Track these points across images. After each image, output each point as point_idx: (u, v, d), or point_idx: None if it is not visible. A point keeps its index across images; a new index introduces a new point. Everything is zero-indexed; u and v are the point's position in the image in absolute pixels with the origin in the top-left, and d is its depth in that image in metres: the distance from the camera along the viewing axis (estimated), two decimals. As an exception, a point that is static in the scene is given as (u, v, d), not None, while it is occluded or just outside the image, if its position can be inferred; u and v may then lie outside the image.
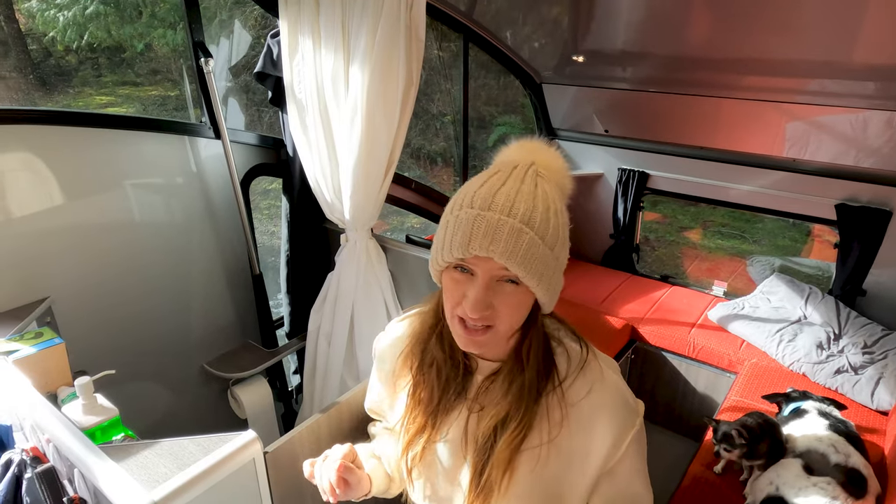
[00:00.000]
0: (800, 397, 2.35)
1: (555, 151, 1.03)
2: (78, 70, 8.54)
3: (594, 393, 0.99)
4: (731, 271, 5.43)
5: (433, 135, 7.39)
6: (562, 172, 1.01)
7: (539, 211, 0.91)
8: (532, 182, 0.93)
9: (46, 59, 8.55)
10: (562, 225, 0.95)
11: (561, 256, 0.96)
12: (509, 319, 0.94)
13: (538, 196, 0.92)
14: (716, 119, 3.16)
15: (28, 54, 8.14)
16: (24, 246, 1.85)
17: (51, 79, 8.54)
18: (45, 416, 1.29)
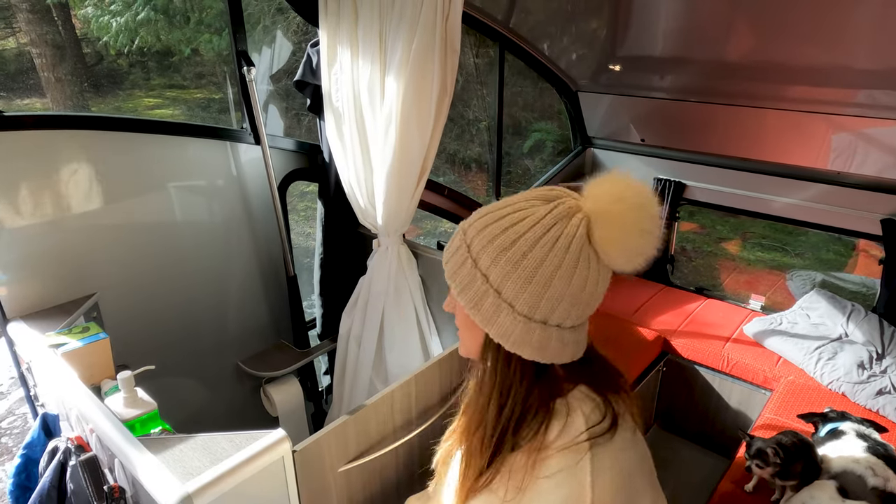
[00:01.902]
0: (838, 418, 2.28)
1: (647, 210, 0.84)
2: (129, 73, 8.88)
3: (555, 479, 0.85)
4: (769, 285, 5.29)
5: (468, 140, 7.43)
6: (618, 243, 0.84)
7: (505, 245, 0.84)
8: (550, 223, 0.84)
9: (99, 62, 8.92)
10: (530, 269, 0.82)
11: (506, 293, 0.84)
12: (461, 333, 0.98)
13: (527, 238, 0.84)
14: (757, 130, 3.10)
15: (83, 58, 8.51)
16: (74, 244, 1.94)
17: (103, 81, 8.90)
18: (90, 407, 1.36)
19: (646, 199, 0.82)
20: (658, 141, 3.53)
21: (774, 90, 2.87)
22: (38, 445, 1.55)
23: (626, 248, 0.83)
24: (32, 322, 1.77)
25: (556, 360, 0.89)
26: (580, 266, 0.83)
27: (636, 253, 0.83)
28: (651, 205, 0.82)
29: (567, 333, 0.87)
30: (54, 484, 1.41)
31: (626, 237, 0.82)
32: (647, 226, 0.82)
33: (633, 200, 0.81)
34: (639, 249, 0.82)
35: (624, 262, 0.84)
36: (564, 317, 0.85)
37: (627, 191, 0.83)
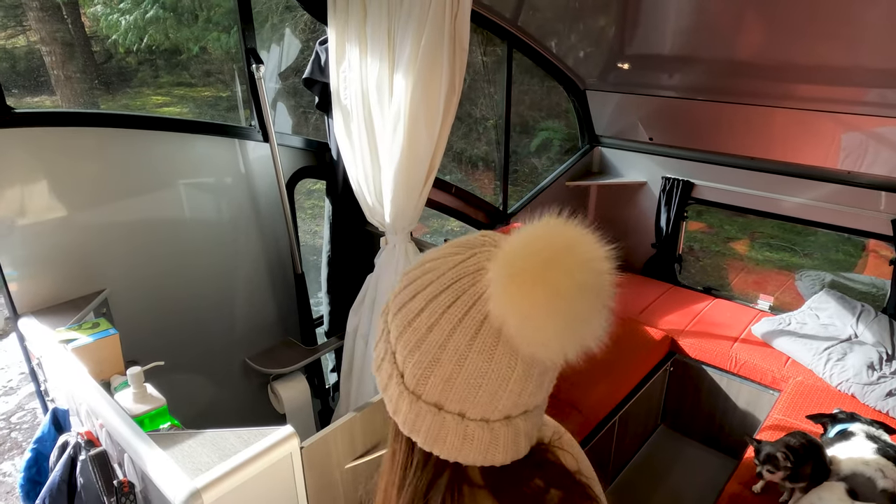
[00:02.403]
0: (847, 419, 2.26)
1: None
2: (137, 71, 8.93)
3: None
4: (778, 285, 5.26)
5: (475, 139, 7.42)
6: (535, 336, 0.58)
7: (405, 301, 0.64)
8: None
9: (108, 60, 8.97)
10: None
11: (398, 356, 0.64)
12: None
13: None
14: (766, 129, 3.08)
15: (92, 55, 8.56)
16: (84, 240, 1.96)
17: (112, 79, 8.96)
18: (100, 402, 1.37)
19: (580, 259, 0.58)
20: (666, 140, 3.51)
21: (784, 89, 2.85)
22: (49, 440, 1.57)
23: (536, 333, 0.57)
24: (43, 318, 1.79)
25: (460, 459, 0.65)
26: (477, 344, 0.60)
27: (553, 341, 0.58)
28: (587, 270, 0.58)
29: (474, 427, 0.63)
30: (64, 478, 1.42)
31: (533, 318, 0.57)
32: (576, 306, 0.57)
33: (554, 261, 0.57)
34: (557, 336, 0.57)
35: (537, 349, 0.58)
36: (465, 405, 0.62)
37: (546, 247, 0.59)
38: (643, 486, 2.95)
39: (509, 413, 0.63)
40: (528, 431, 0.65)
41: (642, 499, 2.88)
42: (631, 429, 2.99)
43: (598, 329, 0.60)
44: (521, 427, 0.64)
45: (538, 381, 0.63)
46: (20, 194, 1.79)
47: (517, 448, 0.65)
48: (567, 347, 0.58)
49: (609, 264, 0.61)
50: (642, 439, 3.20)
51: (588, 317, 0.59)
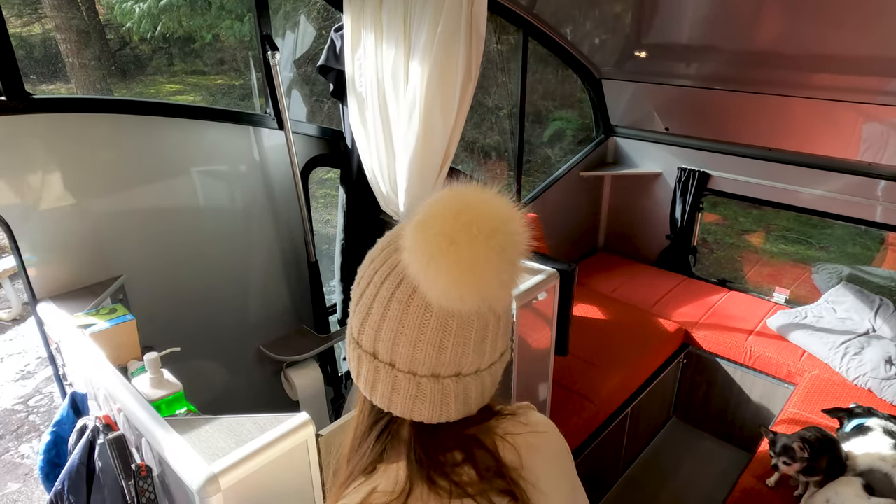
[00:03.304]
0: (864, 414, 2.24)
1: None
2: (151, 59, 8.96)
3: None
4: (794, 278, 5.20)
5: (488, 128, 7.38)
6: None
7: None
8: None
9: (122, 48, 9.01)
10: None
11: (350, 309, 0.73)
12: None
13: None
14: (785, 119, 3.03)
15: (106, 43, 8.60)
16: (101, 226, 1.97)
17: (126, 67, 9.00)
18: (117, 387, 1.38)
19: (478, 215, 0.63)
20: (682, 130, 3.47)
21: (803, 78, 2.80)
22: (67, 424, 1.59)
23: (435, 280, 0.62)
24: (61, 303, 1.80)
25: (391, 409, 0.70)
26: (397, 295, 0.66)
27: (452, 288, 0.62)
28: (484, 225, 0.62)
29: (402, 378, 0.67)
30: (83, 461, 1.44)
31: (432, 265, 0.62)
32: (471, 255, 0.61)
33: (454, 216, 0.63)
34: (455, 283, 0.62)
35: (438, 295, 0.63)
36: (393, 355, 0.67)
37: (451, 204, 0.64)
38: (655, 478, 2.94)
39: (436, 371, 0.66)
40: (461, 396, 0.68)
41: (654, 491, 2.87)
42: (643, 421, 2.98)
43: (497, 282, 0.63)
44: (450, 389, 0.67)
45: (461, 340, 0.66)
46: (38, 180, 1.80)
47: (446, 411, 0.68)
48: (465, 295, 0.62)
49: (514, 224, 0.64)
50: (654, 431, 3.20)
51: (484, 268, 0.62)
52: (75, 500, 1.45)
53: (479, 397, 0.70)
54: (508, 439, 0.73)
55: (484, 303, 0.63)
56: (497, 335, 0.70)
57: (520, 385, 1.92)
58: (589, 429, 2.55)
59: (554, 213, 3.53)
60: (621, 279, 3.59)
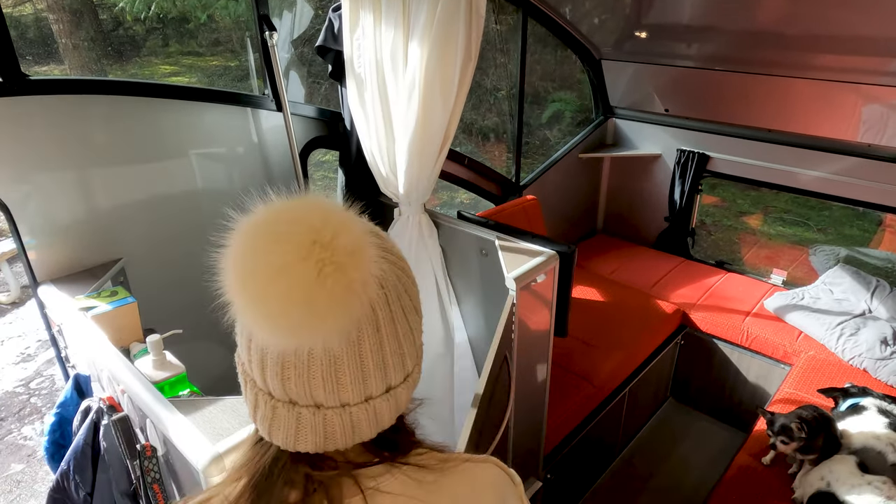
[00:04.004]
0: (859, 393, 2.27)
1: None
2: (145, 40, 8.85)
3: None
4: (791, 260, 5.22)
5: (486, 109, 7.33)
6: None
7: None
8: None
9: (116, 28, 8.89)
10: None
11: None
12: None
13: None
14: (785, 100, 3.02)
15: (100, 24, 8.49)
16: (101, 209, 1.96)
17: (120, 48, 8.89)
18: (121, 369, 1.39)
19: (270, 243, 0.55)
20: (682, 111, 3.46)
21: (804, 59, 2.78)
22: (71, 405, 1.60)
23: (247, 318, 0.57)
24: (62, 285, 1.81)
25: (257, 425, 0.64)
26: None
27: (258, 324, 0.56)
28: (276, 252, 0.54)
29: (261, 398, 0.62)
30: (88, 442, 1.46)
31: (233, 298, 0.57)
32: (264, 292, 0.54)
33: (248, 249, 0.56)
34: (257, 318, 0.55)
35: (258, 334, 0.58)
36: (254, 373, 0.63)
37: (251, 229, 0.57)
38: (652, 458, 2.98)
39: (293, 398, 0.59)
40: (319, 429, 0.60)
41: (651, 470, 2.91)
42: (640, 401, 3.01)
43: (296, 321, 0.53)
44: (306, 419, 0.59)
45: (303, 374, 0.58)
46: (36, 162, 1.79)
47: (301, 440, 0.60)
48: (263, 333, 0.55)
49: (358, 246, 0.54)
50: (651, 411, 3.23)
51: (280, 307, 0.53)
52: (81, 480, 1.47)
53: (345, 434, 0.61)
54: (371, 499, 0.61)
55: (298, 338, 0.55)
56: (360, 373, 0.59)
57: (519, 366, 1.94)
58: (587, 409, 2.58)
59: (553, 195, 3.53)
60: (620, 261, 3.60)
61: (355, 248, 0.54)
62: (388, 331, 0.60)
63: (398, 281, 0.61)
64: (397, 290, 0.61)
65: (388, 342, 0.60)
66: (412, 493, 0.63)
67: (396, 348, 0.61)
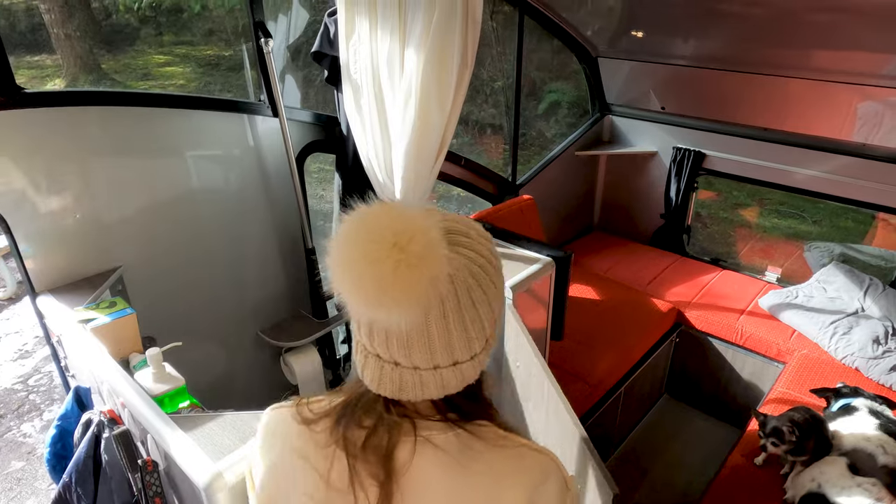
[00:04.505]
0: (850, 393, 2.30)
1: None
2: (139, 30, 8.76)
3: None
4: (786, 255, 5.25)
5: (482, 101, 7.30)
6: None
7: None
8: None
9: (108, 18, 8.79)
10: None
11: None
12: None
13: None
14: (780, 99, 3.03)
15: (91, 13, 8.39)
16: (98, 218, 1.96)
17: (112, 38, 8.80)
18: (121, 384, 1.40)
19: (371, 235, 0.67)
20: (679, 109, 3.46)
21: (799, 58, 2.79)
22: (72, 417, 1.61)
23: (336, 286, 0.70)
24: (60, 296, 1.81)
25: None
26: None
27: (344, 292, 0.69)
28: (375, 244, 0.66)
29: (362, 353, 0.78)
30: (90, 454, 1.47)
31: (333, 276, 0.70)
32: (358, 272, 0.67)
33: (351, 233, 0.69)
34: (346, 291, 0.69)
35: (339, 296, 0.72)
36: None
37: (357, 220, 0.69)
38: (646, 455, 3.02)
39: (381, 354, 0.74)
40: (397, 381, 0.74)
41: (646, 467, 2.95)
42: (635, 398, 3.05)
43: (382, 296, 0.66)
44: (388, 370, 0.74)
45: (384, 337, 0.72)
46: (32, 173, 1.79)
47: (383, 385, 0.75)
48: (356, 307, 0.69)
49: (428, 247, 0.66)
50: (646, 408, 3.27)
51: (366, 291, 0.67)
52: (83, 492, 1.49)
53: (415, 389, 0.75)
54: (420, 445, 0.76)
55: (377, 314, 0.68)
56: (427, 349, 0.72)
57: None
58: (582, 408, 2.61)
59: (549, 193, 3.54)
60: (615, 258, 3.61)
61: (425, 253, 0.66)
62: (454, 318, 0.71)
63: (471, 277, 0.72)
64: (468, 285, 0.71)
65: (454, 328, 0.72)
66: (453, 453, 0.75)
67: (462, 333, 0.72)
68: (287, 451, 0.80)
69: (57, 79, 7.83)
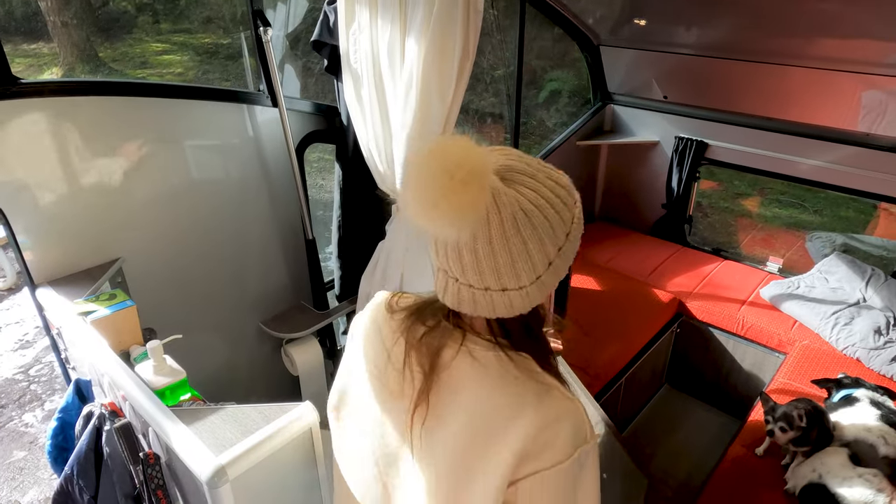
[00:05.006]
0: (852, 384, 2.30)
1: None
2: (136, 17, 8.68)
3: None
4: (788, 244, 5.24)
5: (482, 90, 7.24)
6: None
7: None
8: None
9: (105, 5, 8.71)
10: None
11: None
12: None
13: None
14: (783, 88, 3.00)
15: (88, 1, 8.30)
16: (96, 209, 1.95)
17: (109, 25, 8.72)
18: (122, 377, 1.40)
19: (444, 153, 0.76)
20: (681, 98, 3.43)
21: (803, 47, 2.77)
22: (73, 409, 1.61)
23: (402, 202, 0.83)
24: (59, 288, 1.80)
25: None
26: None
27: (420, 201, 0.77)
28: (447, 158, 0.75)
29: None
30: (91, 447, 1.47)
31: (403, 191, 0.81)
32: (425, 193, 0.75)
33: (424, 158, 0.77)
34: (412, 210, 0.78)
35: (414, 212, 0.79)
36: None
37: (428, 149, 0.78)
38: (647, 445, 3.03)
39: (445, 269, 0.83)
40: (455, 294, 0.83)
41: (647, 456, 2.96)
42: (636, 388, 3.05)
43: (439, 216, 0.74)
44: (452, 285, 0.83)
45: (454, 255, 0.80)
46: (30, 164, 1.77)
47: (447, 295, 0.84)
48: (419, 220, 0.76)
49: (473, 175, 0.73)
50: (646, 398, 3.27)
51: (425, 207, 0.74)
52: (85, 484, 1.49)
53: (469, 304, 0.83)
54: (462, 353, 0.87)
55: (431, 228, 0.76)
56: (476, 270, 0.79)
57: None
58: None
59: (550, 183, 3.52)
60: (616, 249, 3.60)
61: (469, 182, 0.72)
62: (499, 245, 0.77)
63: (520, 210, 0.76)
64: (515, 217, 0.76)
65: (500, 255, 0.77)
66: (490, 370, 0.84)
67: (508, 261, 0.78)
68: (372, 326, 0.97)
69: (54, 67, 7.77)
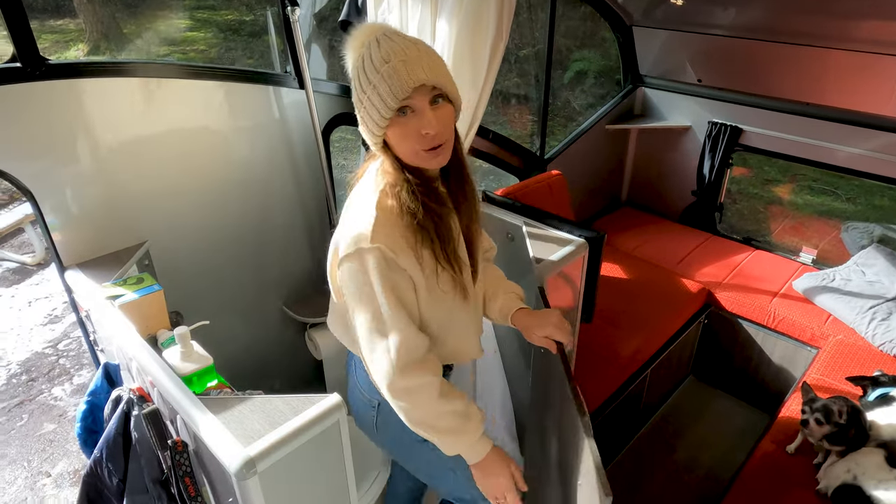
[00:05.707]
0: (889, 382, 2.23)
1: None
2: (160, -7, 8.64)
3: None
4: (820, 234, 5.10)
5: (507, 70, 7.11)
6: None
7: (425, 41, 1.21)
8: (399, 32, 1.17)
9: (130, -20, 8.68)
10: None
11: None
12: (450, 131, 1.20)
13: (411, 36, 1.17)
14: (823, 72, 2.88)
15: (113, -23, 8.28)
16: (124, 192, 1.95)
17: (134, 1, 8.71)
18: (150, 363, 1.39)
19: None
20: (715, 82, 3.32)
21: (843, 28, 2.65)
22: (102, 393, 1.62)
23: None
24: (88, 271, 1.80)
25: None
26: None
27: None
28: None
29: None
30: (119, 431, 1.47)
31: None
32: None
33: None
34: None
35: None
36: None
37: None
38: (671, 435, 2.99)
39: None
40: None
41: (671, 447, 2.92)
42: (662, 378, 3.00)
43: None
44: None
45: None
46: (58, 146, 1.77)
47: None
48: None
49: None
50: (671, 388, 3.23)
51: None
52: (113, 468, 1.50)
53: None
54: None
55: None
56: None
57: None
58: (609, 389, 2.58)
59: (578, 168, 3.45)
60: (644, 236, 3.53)
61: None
62: None
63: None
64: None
65: None
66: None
67: None
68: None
69: (80, 43, 7.82)
